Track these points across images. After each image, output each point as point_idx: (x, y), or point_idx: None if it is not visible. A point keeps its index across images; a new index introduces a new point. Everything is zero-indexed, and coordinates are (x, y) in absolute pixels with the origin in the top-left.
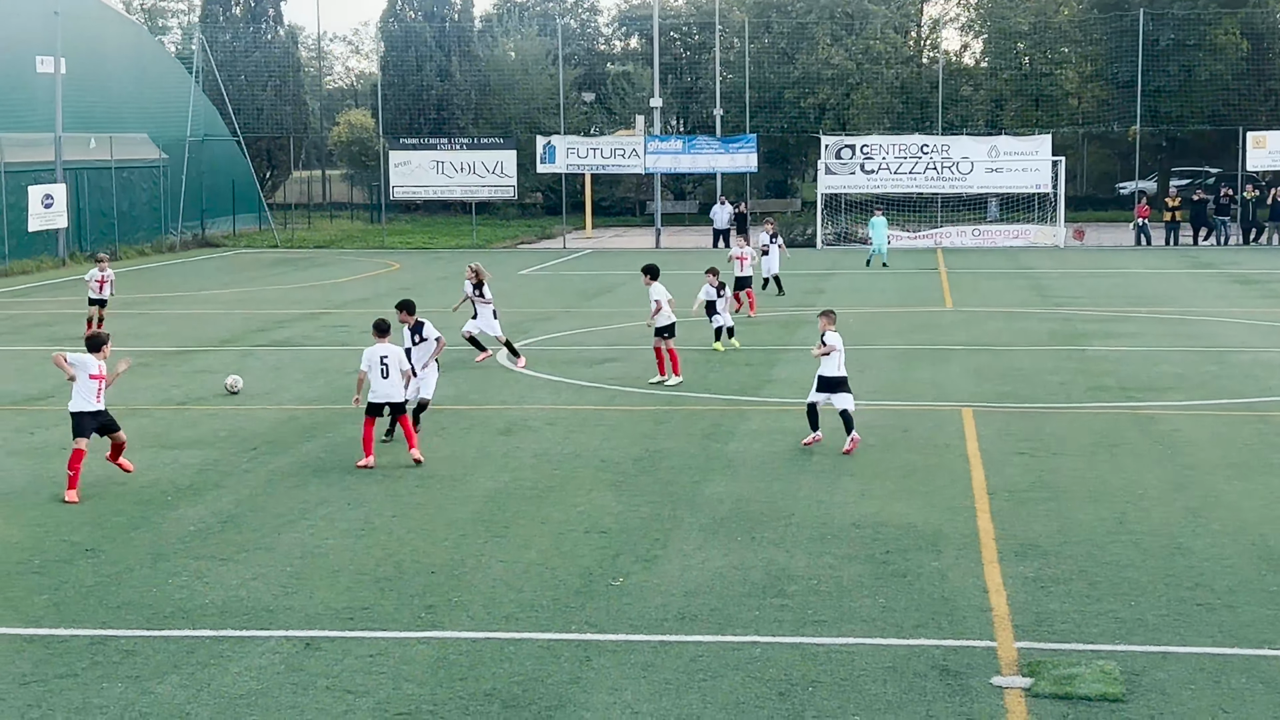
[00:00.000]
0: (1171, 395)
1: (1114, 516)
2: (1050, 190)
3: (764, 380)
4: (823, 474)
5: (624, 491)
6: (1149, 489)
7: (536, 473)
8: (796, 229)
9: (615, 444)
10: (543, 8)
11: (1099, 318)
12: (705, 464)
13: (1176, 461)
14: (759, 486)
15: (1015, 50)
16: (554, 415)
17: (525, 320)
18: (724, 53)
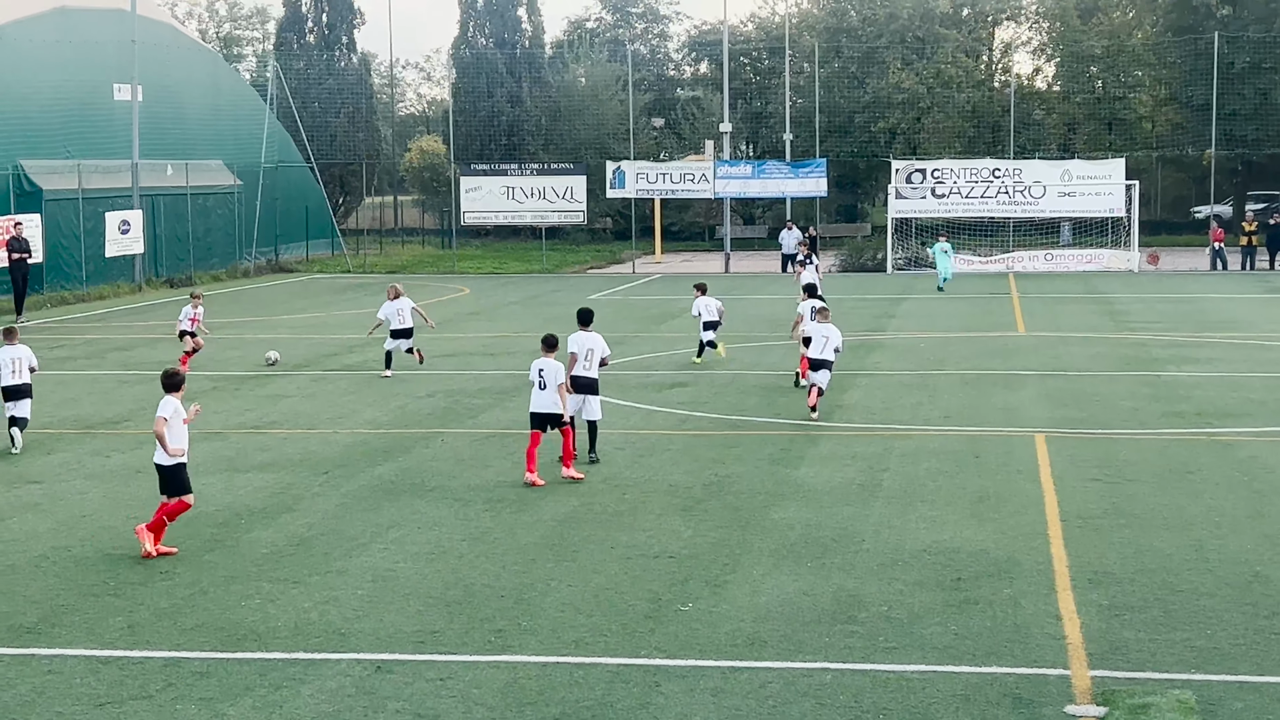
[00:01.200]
0: (1249, 421)
1: (1190, 544)
2: (1124, 214)
3: (834, 405)
4: (893, 500)
5: (693, 516)
6: (1225, 516)
7: (605, 497)
8: (867, 253)
9: (684, 468)
10: (613, 34)
11: (1174, 343)
12: (774, 489)
13: (1254, 488)
14: (829, 512)
15: (1088, 74)
16: (623, 440)
17: None
18: (794, 77)
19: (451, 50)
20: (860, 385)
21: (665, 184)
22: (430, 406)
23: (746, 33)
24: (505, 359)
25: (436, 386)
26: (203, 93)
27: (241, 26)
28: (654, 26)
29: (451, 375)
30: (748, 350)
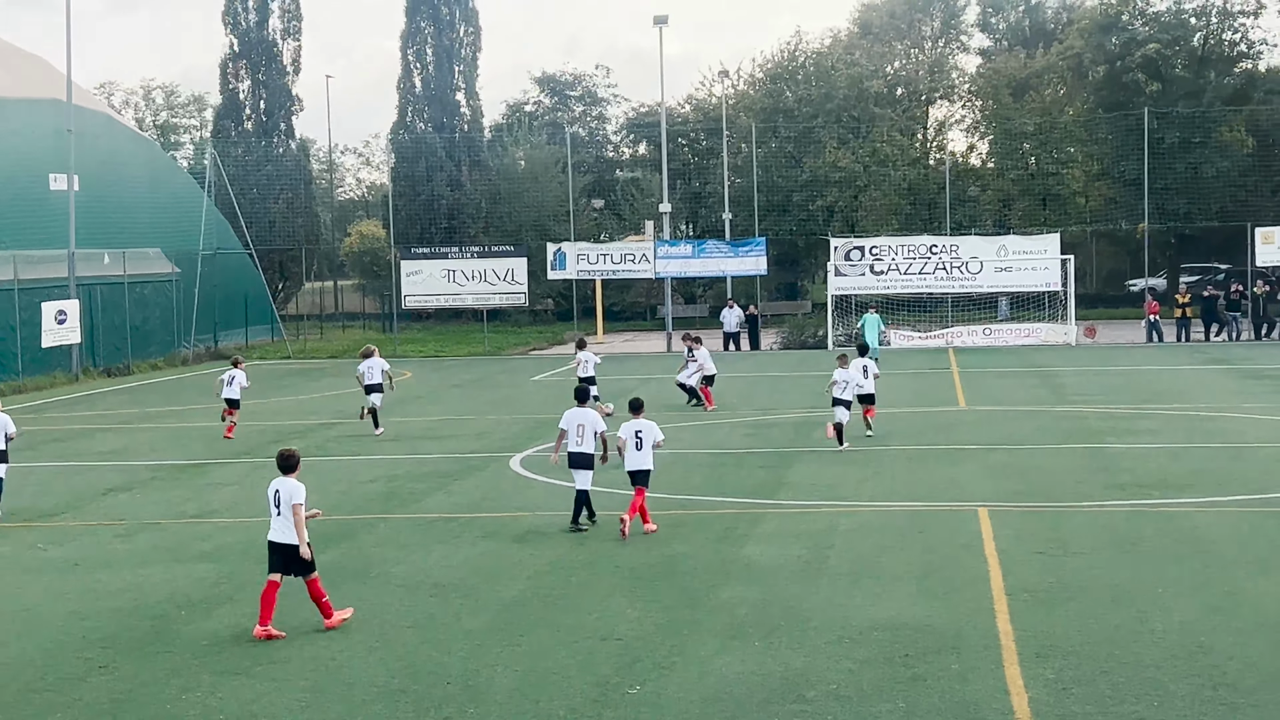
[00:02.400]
0: (1190, 492)
1: (1135, 616)
2: (1060, 288)
3: (779, 483)
4: (840, 576)
5: (639, 597)
6: (1170, 587)
7: (551, 579)
8: (808, 330)
9: (630, 549)
10: (551, 116)
11: (1114, 415)
12: (721, 568)
13: (1197, 559)
14: (776, 590)
15: (1021, 150)
16: (568, 522)
17: (539, 426)
18: (732, 157)
19: (390, 135)
20: (805, 462)
21: (606, 265)
22: (373, 491)
23: (684, 114)
24: (449, 442)
25: (379, 471)
26: (140, 181)
27: (179, 114)
28: (592, 109)
29: (395, 459)
30: (692, 429)
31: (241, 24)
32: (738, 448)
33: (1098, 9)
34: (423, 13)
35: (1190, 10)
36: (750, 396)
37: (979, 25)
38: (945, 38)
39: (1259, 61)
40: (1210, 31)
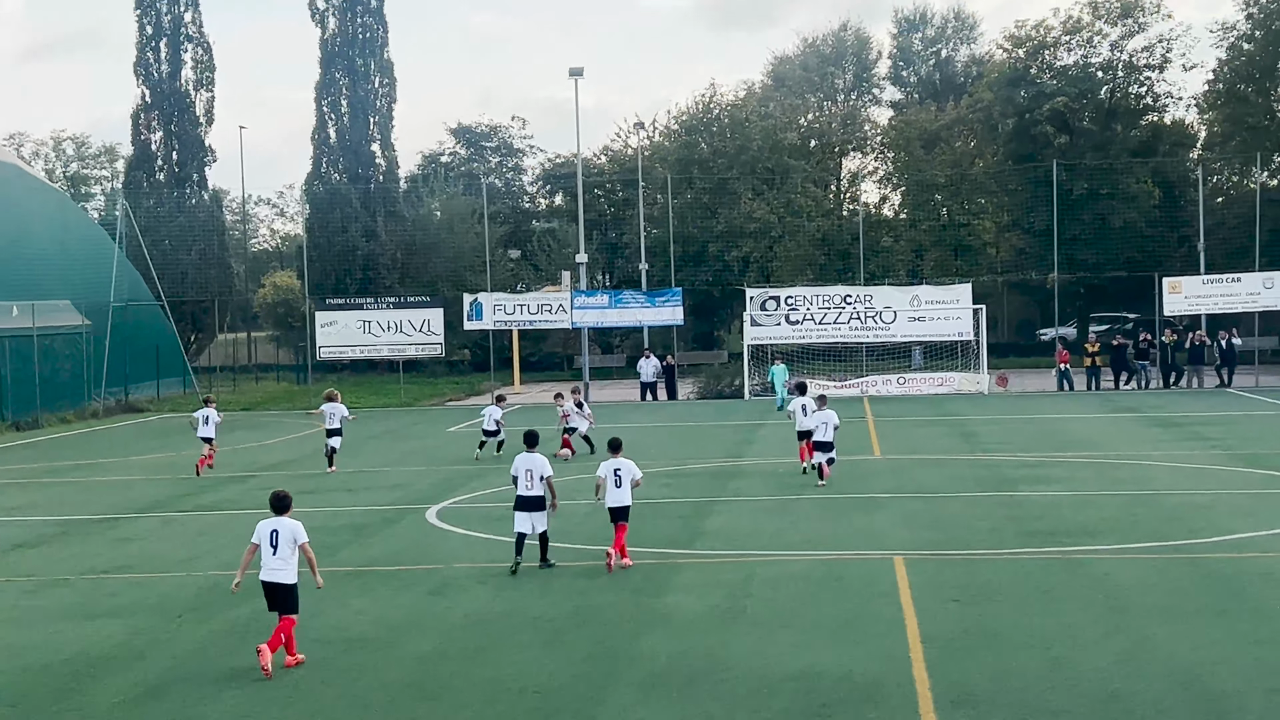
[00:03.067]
0: (1101, 539)
1: (1049, 662)
2: (972, 338)
3: (697, 533)
4: (758, 626)
5: (557, 649)
6: (1082, 634)
7: (468, 632)
8: (724, 380)
9: (548, 600)
10: (467, 167)
11: (1026, 463)
12: (639, 618)
13: (1109, 605)
14: (694, 640)
15: (933, 201)
16: (485, 573)
17: (455, 477)
18: (648, 208)
19: (305, 185)
20: (721, 511)
21: (523, 315)
22: None
23: (600, 165)
24: (365, 494)
25: None
26: (49, 232)
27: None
28: (508, 160)
29: (310, 512)
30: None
31: (154, 75)
32: (655, 498)
33: (1006, 63)
34: (337, 64)
35: (1097, 64)
36: (667, 447)
37: (890, 78)
38: (857, 90)
39: (1164, 114)
40: (1117, 85)
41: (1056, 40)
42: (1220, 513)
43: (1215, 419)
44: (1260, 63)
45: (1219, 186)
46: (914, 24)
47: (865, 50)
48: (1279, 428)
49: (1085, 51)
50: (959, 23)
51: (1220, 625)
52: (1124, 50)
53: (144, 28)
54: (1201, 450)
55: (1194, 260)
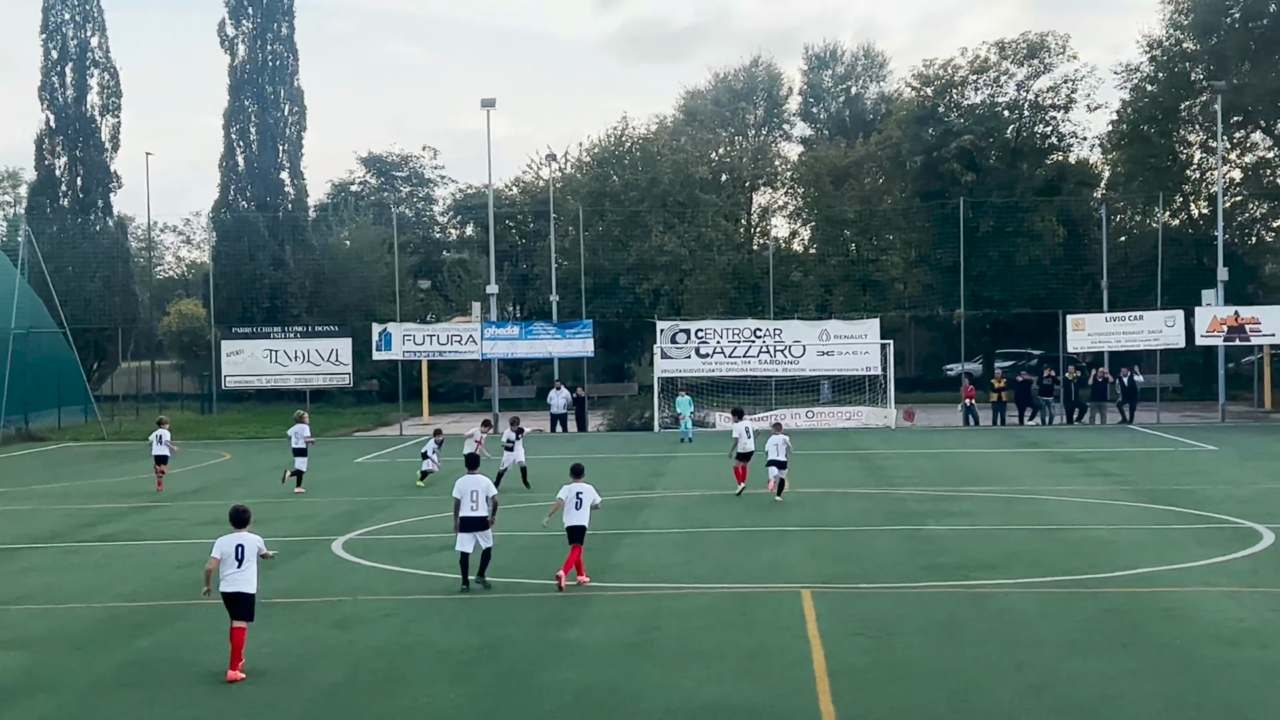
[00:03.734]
0: (1005, 573)
1: (953, 696)
2: (880, 372)
3: (605, 565)
4: (666, 659)
5: (464, 682)
6: (987, 668)
7: (373, 664)
8: (634, 413)
9: (454, 633)
10: (378, 196)
11: (932, 497)
12: (546, 651)
13: (1012, 639)
14: (601, 673)
15: (842, 237)
16: (392, 605)
17: (361, 509)
18: (559, 240)
19: (212, 213)
20: (630, 544)
21: (432, 345)
22: (188, 577)
23: (512, 196)
24: (270, 525)
25: (196, 555)
26: None
27: None
28: (419, 190)
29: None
30: (519, 512)
31: (59, 99)
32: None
33: (914, 101)
34: (247, 92)
35: (1004, 104)
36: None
37: (801, 115)
38: (768, 126)
39: (1069, 154)
40: (1023, 124)
41: (964, 79)
42: (1122, 548)
43: (1117, 455)
44: (1163, 104)
45: (1122, 225)
46: (824, 61)
47: (776, 86)
48: (1179, 464)
49: (992, 91)
50: (868, 61)
51: (1123, 660)
52: (1030, 90)
53: (49, 52)
54: (1104, 486)
55: (1097, 298)
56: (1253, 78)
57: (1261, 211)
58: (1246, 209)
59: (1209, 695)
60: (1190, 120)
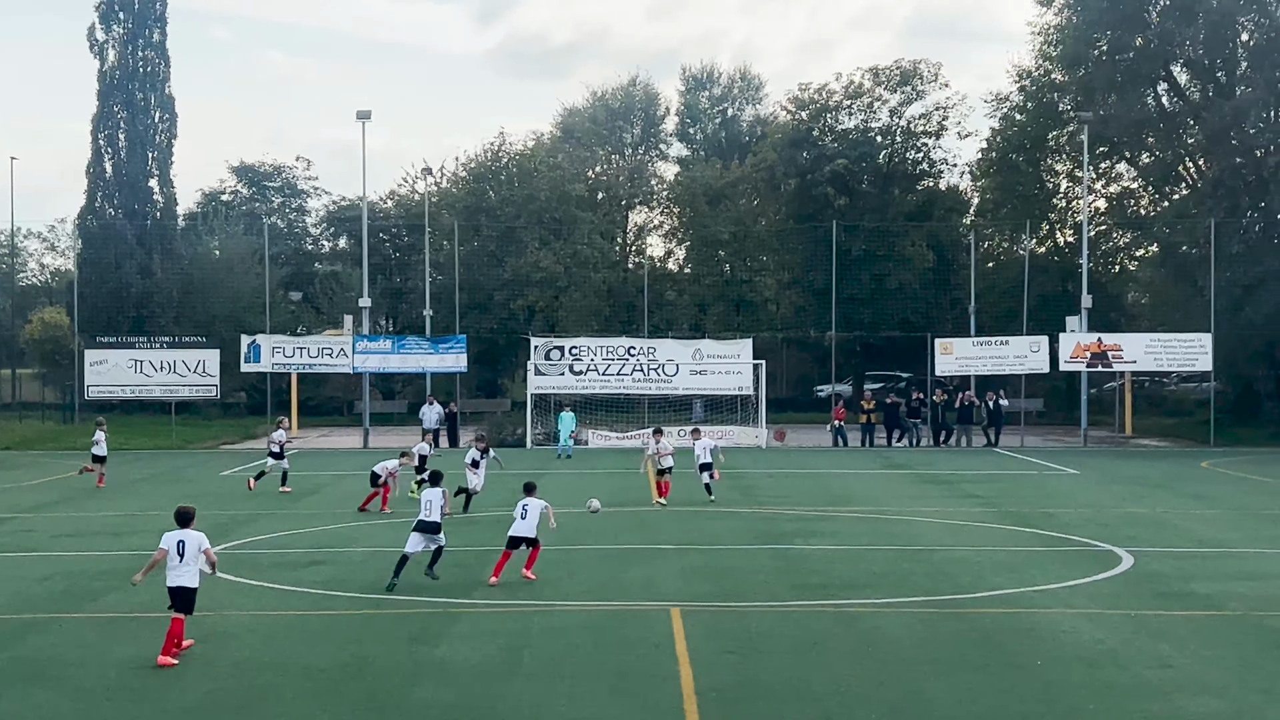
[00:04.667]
0: (871, 593)
1: (818, 714)
2: (752, 392)
3: (475, 582)
4: (534, 677)
5: (329, 700)
6: (852, 687)
7: (236, 682)
8: (507, 429)
9: (320, 650)
10: (249, 206)
11: (802, 517)
12: (413, 669)
13: (877, 658)
14: (469, 691)
15: (717, 257)
16: (255, 621)
17: (227, 522)
18: (433, 254)
19: (78, 220)
20: None
21: (303, 358)
22: (47, 590)
23: (386, 209)
24: (132, 538)
25: (55, 568)
26: None
27: None
28: (292, 200)
29: (73, 556)
30: (385, 528)
31: None
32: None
33: (789, 124)
34: (116, 97)
35: (877, 129)
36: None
37: (677, 135)
38: (645, 145)
39: (940, 180)
40: (895, 150)
41: (839, 104)
42: (985, 569)
43: (982, 477)
44: (1031, 133)
45: (990, 252)
46: (701, 82)
47: (653, 106)
48: (1042, 487)
49: (866, 116)
50: (745, 83)
51: (984, 680)
52: (903, 117)
53: None
54: (969, 507)
55: (965, 322)
56: (1118, 109)
57: (1125, 241)
58: (1110, 238)
59: (1068, 715)
60: (1057, 150)
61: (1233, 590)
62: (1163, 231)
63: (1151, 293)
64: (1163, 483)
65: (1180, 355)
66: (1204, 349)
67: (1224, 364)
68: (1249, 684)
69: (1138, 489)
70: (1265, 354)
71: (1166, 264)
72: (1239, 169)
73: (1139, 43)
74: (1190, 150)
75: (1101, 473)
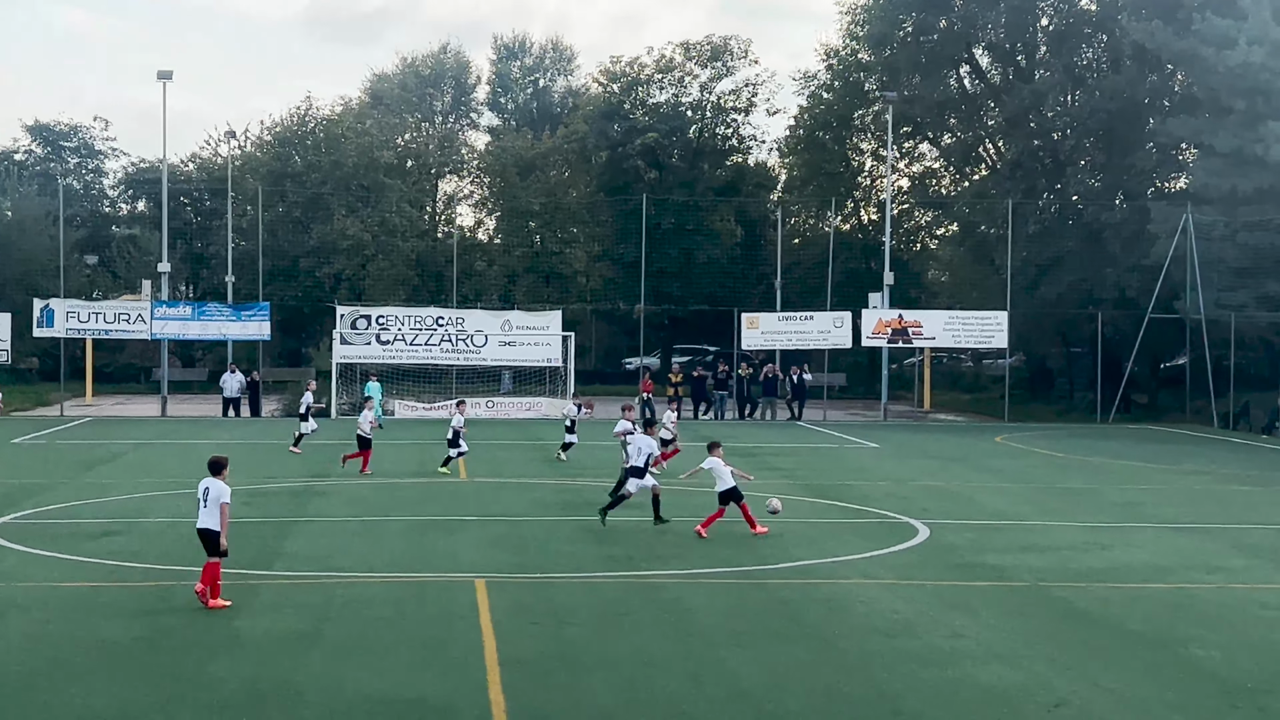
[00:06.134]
0: (675, 563)
1: (622, 685)
2: (561, 364)
3: (275, 554)
4: (335, 649)
5: (124, 674)
6: (655, 657)
7: (23, 656)
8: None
9: (115, 623)
10: (44, 167)
11: (607, 488)
12: (211, 642)
13: (680, 628)
14: (268, 664)
15: (527, 228)
16: (47, 594)
17: (14, 492)
18: (237, 219)
19: None
20: (302, 532)
21: (98, 324)
22: None
23: (187, 172)
24: None
25: None
26: None
27: None
28: (89, 161)
29: None
30: (182, 498)
31: None
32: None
33: (601, 97)
34: None
35: (687, 104)
36: (248, 465)
37: (489, 104)
38: (456, 114)
39: (749, 156)
40: (705, 125)
41: (649, 78)
42: (788, 541)
43: (786, 450)
44: (837, 112)
45: (796, 228)
46: (513, 52)
47: (464, 74)
48: (843, 460)
49: (677, 91)
50: (557, 54)
51: (785, 649)
52: (713, 92)
53: None
54: (772, 480)
55: (771, 297)
56: (922, 90)
57: (926, 220)
58: (913, 216)
59: (865, 684)
60: (863, 129)
61: (1023, 562)
62: (963, 211)
63: (951, 271)
64: (958, 456)
65: (977, 332)
66: (1000, 327)
67: (1019, 341)
68: (1037, 652)
69: (935, 463)
70: (1058, 332)
71: (966, 243)
72: (1037, 151)
73: (943, 25)
74: (990, 132)
75: (900, 446)
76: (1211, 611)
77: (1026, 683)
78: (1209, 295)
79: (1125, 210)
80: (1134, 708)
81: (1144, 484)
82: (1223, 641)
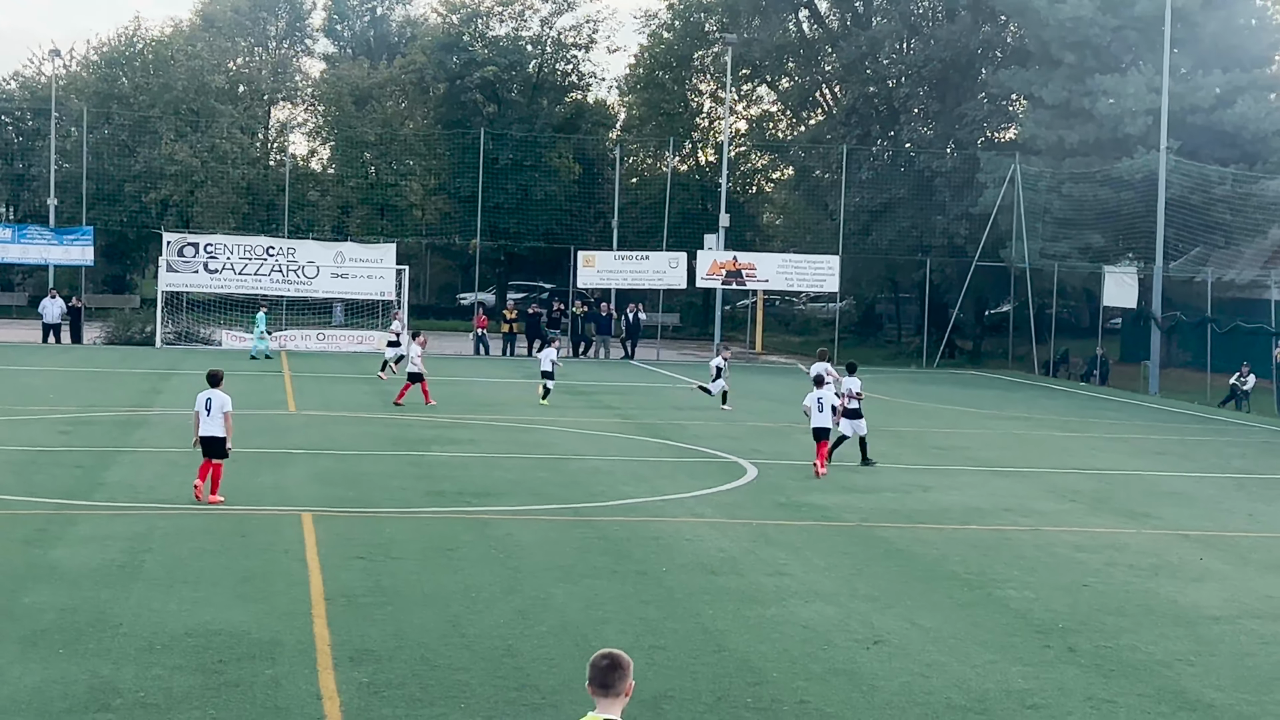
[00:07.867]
0: (506, 500)
1: (448, 620)
2: (394, 297)
3: (96, 484)
4: (155, 581)
5: None
6: (482, 592)
7: None
8: (135, 326)
9: None
10: None
11: (438, 424)
12: (26, 572)
13: (508, 565)
14: (85, 595)
15: (362, 159)
16: None
17: None
18: (60, 141)
19: None
20: (124, 462)
21: None
22: None
23: (10, 91)
24: None
25: None
26: None
27: None
28: None
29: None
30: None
31: None
32: (52, 445)
33: (440, 28)
34: None
35: (528, 38)
36: (69, 392)
37: (324, 31)
38: (290, 40)
39: (588, 93)
40: (545, 61)
41: (489, 10)
42: (618, 478)
43: (618, 389)
44: (678, 52)
45: (634, 167)
46: None
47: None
48: (674, 399)
49: (517, 24)
50: None
51: (611, 586)
52: (554, 27)
53: None
54: (604, 418)
55: (608, 236)
56: (761, 33)
57: (763, 163)
58: (750, 159)
59: (688, 620)
60: (703, 70)
61: (848, 502)
62: (798, 155)
63: (786, 214)
64: (787, 398)
65: (810, 276)
66: (832, 271)
67: (850, 286)
68: (858, 591)
69: (765, 404)
70: (888, 278)
71: (801, 187)
72: (872, 98)
73: None
74: (828, 77)
75: (732, 386)
76: (1026, 553)
77: (846, 620)
78: (1034, 245)
79: (956, 159)
80: (949, 646)
81: (966, 428)
82: (1036, 582)
